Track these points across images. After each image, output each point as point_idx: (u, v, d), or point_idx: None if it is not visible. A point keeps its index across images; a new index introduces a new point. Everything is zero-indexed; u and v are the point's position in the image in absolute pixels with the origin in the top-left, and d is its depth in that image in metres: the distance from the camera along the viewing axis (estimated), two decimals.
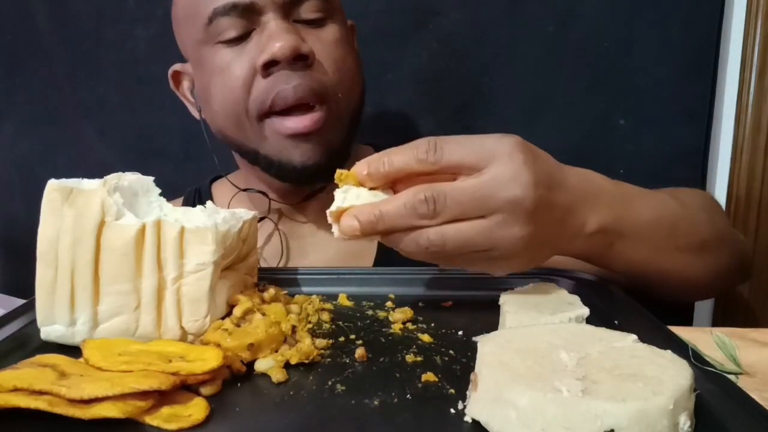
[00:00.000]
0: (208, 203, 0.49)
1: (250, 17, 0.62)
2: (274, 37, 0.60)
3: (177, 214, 0.45)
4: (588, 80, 0.99)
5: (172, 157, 1.09)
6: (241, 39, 0.63)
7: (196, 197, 0.84)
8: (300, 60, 0.62)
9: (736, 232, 0.62)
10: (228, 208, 0.72)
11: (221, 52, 0.64)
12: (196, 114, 0.75)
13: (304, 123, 0.62)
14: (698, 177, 1.04)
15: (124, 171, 0.45)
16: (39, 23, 1.07)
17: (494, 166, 0.41)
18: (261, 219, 0.72)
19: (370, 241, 0.45)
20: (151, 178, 0.47)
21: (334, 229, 0.44)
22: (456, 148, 0.42)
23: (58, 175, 0.43)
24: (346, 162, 0.71)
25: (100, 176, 0.44)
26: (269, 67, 0.61)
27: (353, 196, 0.43)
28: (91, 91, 1.08)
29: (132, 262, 0.41)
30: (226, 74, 0.64)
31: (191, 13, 0.65)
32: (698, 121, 1.01)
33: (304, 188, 0.72)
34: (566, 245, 0.48)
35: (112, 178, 0.43)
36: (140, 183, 0.46)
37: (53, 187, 0.42)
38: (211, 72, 0.65)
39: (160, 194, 0.47)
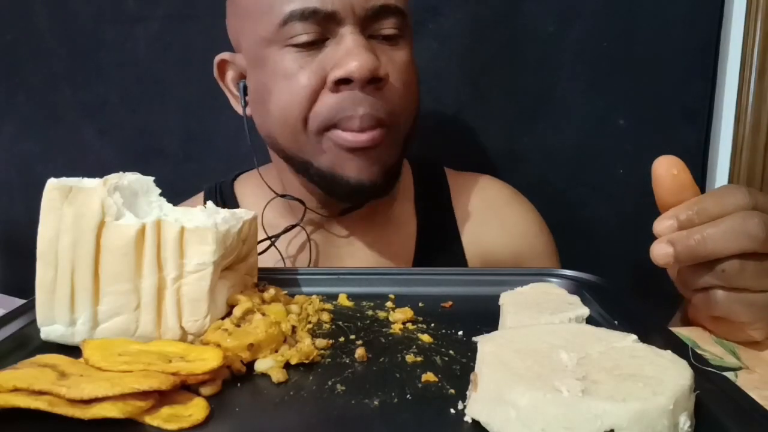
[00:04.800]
0: (209, 203, 0.49)
1: (327, 26, 0.60)
2: (352, 55, 0.58)
3: (177, 214, 0.45)
4: (588, 80, 0.99)
5: (172, 157, 1.09)
6: (313, 45, 0.60)
7: (218, 195, 0.80)
8: (374, 82, 0.60)
9: None
10: (263, 211, 0.71)
11: (289, 56, 0.61)
12: (239, 109, 0.71)
13: (364, 138, 0.61)
14: (698, 177, 1.04)
15: (124, 171, 0.45)
16: (39, 23, 1.07)
17: None
18: (293, 226, 0.70)
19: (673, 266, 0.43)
20: (151, 178, 0.47)
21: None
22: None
23: (58, 175, 0.43)
24: (397, 179, 0.70)
25: (100, 176, 0.43)
26: (341, 83, 0.60)
27: None
28: (91, 91, 1.08)
29: (132, 262, 0.41)
30: (292, 81, 0.61)
31: (262, 9, 0.62)
32: (698, 121, 1.01)
33: (345, 203, 0.70)
34: None
35: (113, 178, 0.43)
36: (140, 183, 0.46)
37: (53, 185, 0.42)
38: (275, 74, 0.62)
39: (160, 194, 0.47)
